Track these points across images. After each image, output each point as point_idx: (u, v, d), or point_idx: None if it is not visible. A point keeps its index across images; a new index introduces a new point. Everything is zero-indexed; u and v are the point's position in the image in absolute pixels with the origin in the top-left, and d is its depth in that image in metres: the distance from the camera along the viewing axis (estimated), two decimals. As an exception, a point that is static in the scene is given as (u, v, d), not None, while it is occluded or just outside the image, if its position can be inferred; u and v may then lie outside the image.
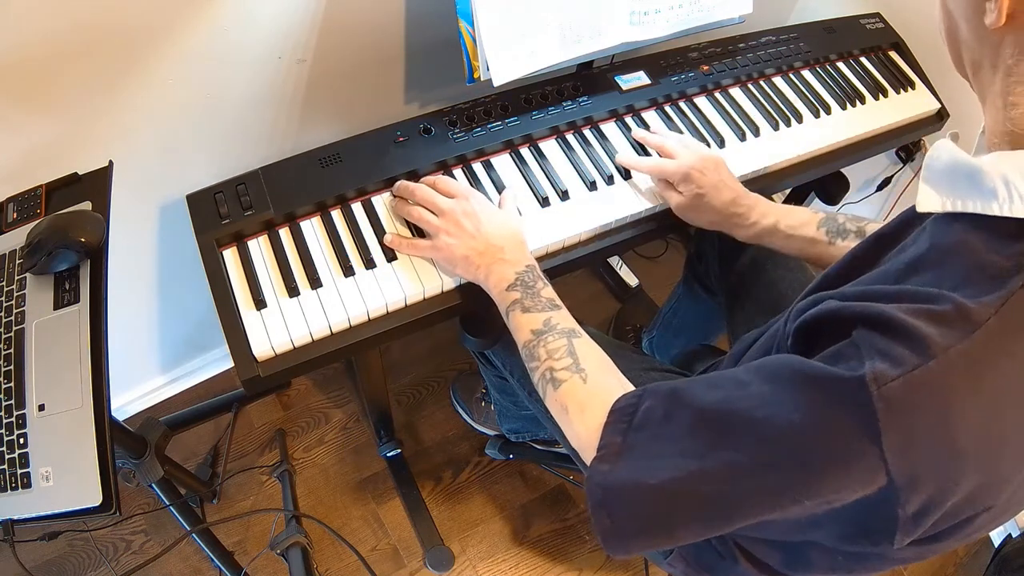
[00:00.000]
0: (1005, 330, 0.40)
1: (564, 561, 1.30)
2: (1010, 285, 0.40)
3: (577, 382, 0.62)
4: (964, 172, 0.43)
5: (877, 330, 0.42)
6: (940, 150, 0.46)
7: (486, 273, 0.74)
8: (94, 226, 0.74)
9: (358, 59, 0.98)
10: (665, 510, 0.49)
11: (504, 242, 0.75)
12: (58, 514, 0.65)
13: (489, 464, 1.39)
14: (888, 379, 0.39)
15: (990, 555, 1.33)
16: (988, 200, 0.41)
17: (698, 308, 1.21)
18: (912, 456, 0.40)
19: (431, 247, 0.79)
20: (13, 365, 0.71)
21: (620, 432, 0.53)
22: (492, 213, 0.78)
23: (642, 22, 0.94)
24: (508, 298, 0.71)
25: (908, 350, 0.40)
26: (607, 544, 0.52)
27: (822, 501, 0.44)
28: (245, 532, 1.28)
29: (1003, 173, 0.41)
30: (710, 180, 0.82)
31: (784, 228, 0.80)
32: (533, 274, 0.72)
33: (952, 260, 0.43)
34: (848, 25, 1.16)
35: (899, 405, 0.39)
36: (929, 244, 0.45)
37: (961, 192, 0.43)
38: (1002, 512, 0.47)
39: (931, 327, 0.40)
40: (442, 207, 0.78)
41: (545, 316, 0.68)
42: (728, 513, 0.47)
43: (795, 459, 0.43)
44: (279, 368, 0.74)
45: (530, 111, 0.94)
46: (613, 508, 0.51)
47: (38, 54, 0.74)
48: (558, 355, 0.64)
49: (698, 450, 0.47)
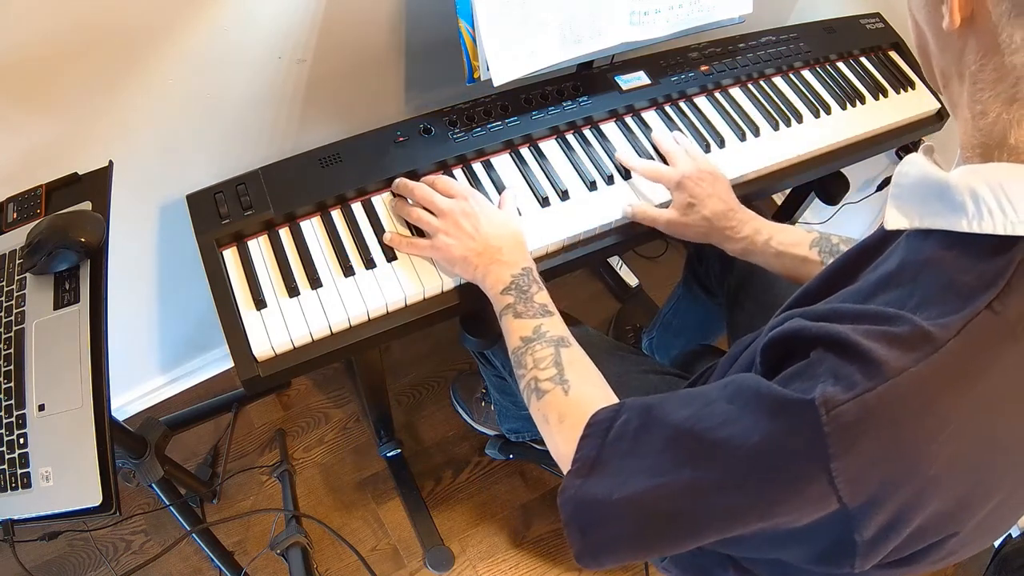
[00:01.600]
0: (968, 352, 0.38)
1: (564, 561, 1.30)
2: (974, 306, 0.38)
3: (559, 393, 0.62)
4: (933, 188, 0.42)
5: (833, 351, 0.41)
6: (909, 165, 0.44)
7: (483, 274, 0.74)
8: (94, 226, 0.74)
9: (358, 59, 0.98)
10: (634, 526, 0.50)
11: (502, 243, 0.75)
12: (58, 514, 0.65)
13: (489, 464, 1.39)
14: (838, 402, 0.38)
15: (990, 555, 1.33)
16: (956, 216, 0.40)
17: (698, 309, 1.21)
18: (864, 480, 0.39)
19: (430, 247, 0.79)
20: (13, 365, 0.71)
21: (595, 447, 0.53)
22: (491, 213, 0.78)
23: (642, 22, 0.93)
24: (502, 302, 0.71)
25: (860, 373, 0.39)
26: (580, 558, 0.53)
27: (780, 522, 0.43)
28: (245, 532, 1.28)
29: (971, 187, 0.39)
30: (703, 191, 0.82)
31: (776, 245, 0.79)
32: (528, 277, 0.72)
33: (919, 279, 0.42)
34: (848, 25, 1.16)
35: (849, 429, 0.38)
36: (899, 261, 0.44)
37: (930, 209, 0.42)
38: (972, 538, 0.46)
39: (887, 349, 0.39)
40: (441, 207, 0.78)
41: (536, 323, 0.68)
42: (693, 529, 0.47)
43: (752, 480, 0.43)
44: (279, 368, 0.74)
45: (530, 111, 0.94)
46: (584, 523, 0.52)
47: (38, 54, 0.74)
48: (544, 364, 0.64)
49: (665, 467, 0.48)
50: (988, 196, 0.38)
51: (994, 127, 0.40)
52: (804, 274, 0.79)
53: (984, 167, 0.40)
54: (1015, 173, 0.39)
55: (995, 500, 0.44)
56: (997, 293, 0.38)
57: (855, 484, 0.39)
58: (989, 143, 0.40)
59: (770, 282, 0.92)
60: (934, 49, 0.44)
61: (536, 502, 1.36)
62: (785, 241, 0.79)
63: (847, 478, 0.39)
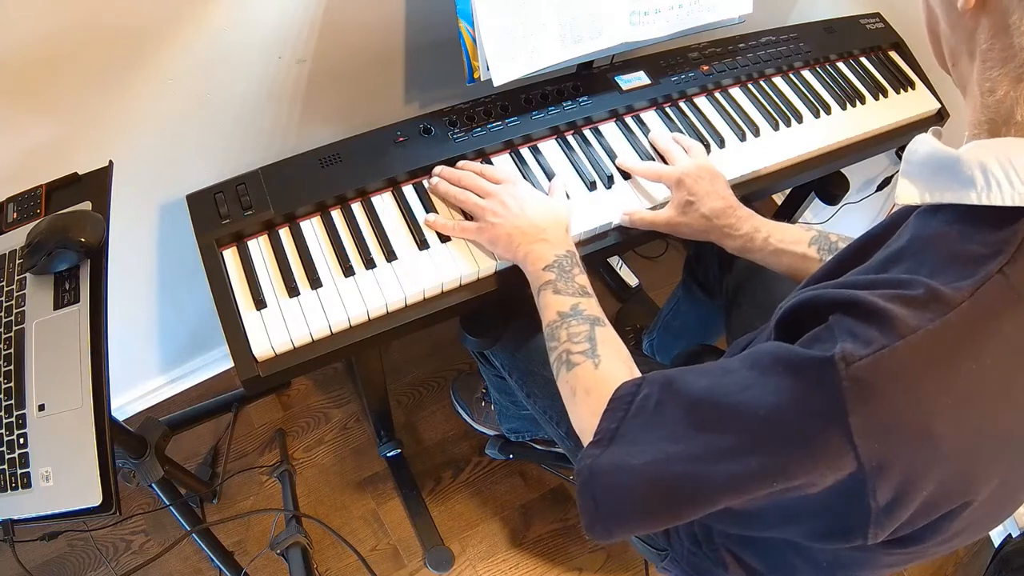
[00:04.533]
0: (980, 314, 0.39)
1: (564, 561, 1.30)
2: (986, 270, 0.39)
3: (589, 367, 0.63)
4: (942, 163, 0.43)
5: (850, 314, 0.42)
6: (919, 143, 0.46)
7: (525, 252, 0.75)
8: (94, 226, 0.74)
9: (358, 59, 0.98)
10: (649, 491, 0.50)
11: (547, 224, 0.77)
12: (58, 514, 0.65)
13: (489, 464, 1.39)
14: (856, 358, 0.39)
15: (990, 555, 1.33)
16: (966, 189, 0.41)
17: (698, 310, 1.21)
18: (881, 438, 0.40)
19: (476, 228, 0.80)
20: (13, 365, 0.71)
21: (617, 419, 0.54)
22: (538, 197, 0.80)
23: (642, 22, 0.93)
24: (542, 278, 0.72)
25: (877, 331, 0.40)
26: (592, 528, 0.53)
27: (796, 486, 0.43)
28: (245, 532, 1.28)
29: (980, 161, 0.41)
30: (702, 188, 0.82)
31: (775, 243, 0.80)
32: (571, 260, 0.73)
33: (930, 250, 0.43)
34: (848, 25, 1.16)
35: (867, 385, 0.39)
36: (910, 236, 0.45)
37: (940, 183, 0.43)
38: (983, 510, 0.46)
39: (903, 309, 0.40)
40: (488, 189, 0.81)
41: (574, 301, 0.69)
42: (709, 494, 0.47)
43: (770, 440, 0.44)
44: (279, 368, 0.74)
45: (530, 111, 0.94)
46: (597, 490, 0.53)
47: (39, 54, 0.74)
48: (578, 339, 0.65)
49: (683, 434, 0.48)
50: (996, 169, 0.40)
51: (1002, 104, 0.42)
52: (803, 271, 0.79)
53: (992, 142, 0.41)
54: (1021, 146, 0.40)
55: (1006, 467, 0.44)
56: (1008, 259, 0.39)
57: (871, 442, 0.40)
58: (996, 119, 0.42)
59: (768, 283, 0.92)
60: (945, 29, 0.46)
61: (536, 502, 1.36)
62: (784, 239, 0.80)
63: (864, 433, 0.40)
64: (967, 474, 0.43)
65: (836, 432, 0.40)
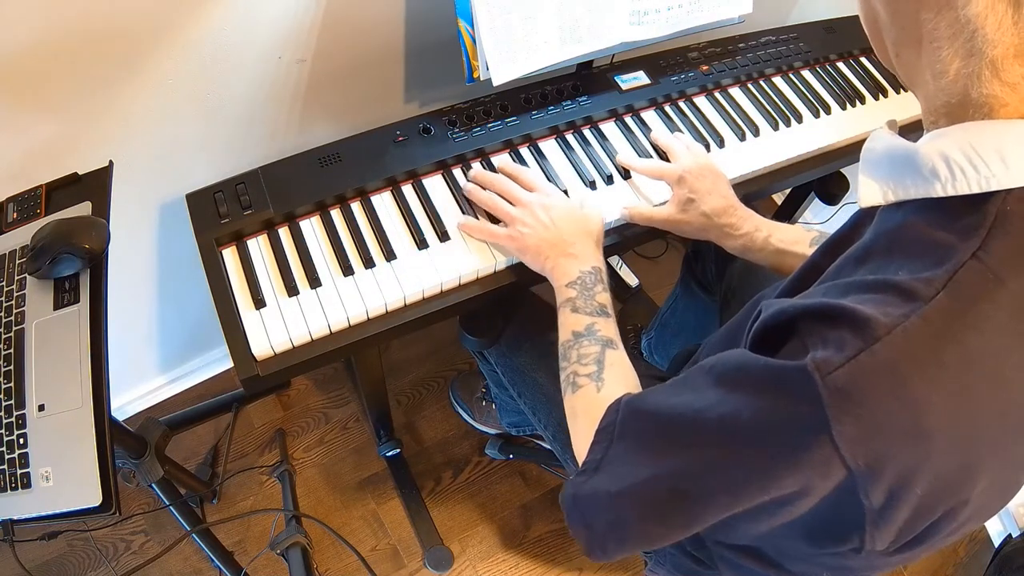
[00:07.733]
0: (958, 302, 0.38)
1: (564, 561, 1.30)
2: (957, 257, 0.38)
3: (592, 390, 0.63)
4: (901, 157, 0.42)
5: (820, 320, 0.41)
6: (875, 140, 0.45)
7: (552, 265, 0.75)
8: (98, 232, 0.74)
9: (358, 59, 0.98)
10: (637, 512, 0.50)
11: (576, 238, 0.76)
12: (58, 514, 0.65)
13: (489, 464, 1.39)
14: (833, 366, 0.38)
15: (990, 555, 1.33)
16: (930, 184, 0.40)
17: (696, 308, 1.20)
18: (869, 442, 0.39)
19: (506, 236, 0.80)
20: (13, 365, 0.71)
21: (602, 449, 0.55)
22: (570, 208, 0.79)
23: (642, 22, 0.93)
24: (564, 294, 0.72)
25: (851, 334, 0.39)
26: (590, 552, 0.54)
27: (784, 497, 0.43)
28: (245, 532, 1.28)
29: (942, 151, 0.40)
30: (703, 186, 0.82)
31: (776, 243, 0.79)
32: (595, 276, 0.73)
33: (897, 244, 0.42)
34: (848, 25, 1.16)
35: (848, 391, 0.38)
36: (875, 232, 0.44)
37: (901, 179, 0.42)
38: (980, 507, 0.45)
39: (875, 309, 0.39)
40: (520, 198, 0.80)
41: (590, 321, 0.69)
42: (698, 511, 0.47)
43: (751, 454, 0.43)
44: (279, 368, 0.74)
45: (530, 111, 0.94)
46: (586, 516, 0.53)
47: (39, 54, 0.74)
48: (586, 360, 0.65)
49: (663, 454, 0.48)
50: (959, 157, 0.39)
51: (955, 85, 0.40)
52: None
53: (950, 130, 0.40)
54: (982, 130, 0.39)
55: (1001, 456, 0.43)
56: (980, 244, 0.38)
57: (859, 446, 0.39)
58: (952, 102, 0.41)
59: (765, 282, 0.92)
60: (885, 19, 0.44)
61: (536, 502, 1.36)
62: (785, 239, 0.79)
63: (850, 440, 0.39)
64: (964, 467, 0.42)
65: (820, 441, 0.39)
